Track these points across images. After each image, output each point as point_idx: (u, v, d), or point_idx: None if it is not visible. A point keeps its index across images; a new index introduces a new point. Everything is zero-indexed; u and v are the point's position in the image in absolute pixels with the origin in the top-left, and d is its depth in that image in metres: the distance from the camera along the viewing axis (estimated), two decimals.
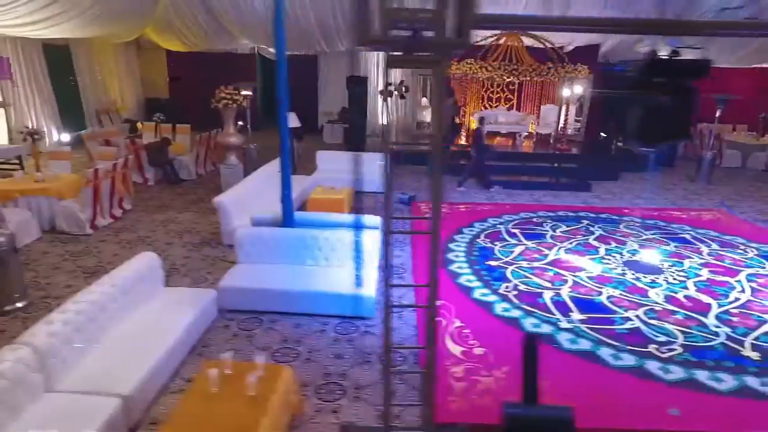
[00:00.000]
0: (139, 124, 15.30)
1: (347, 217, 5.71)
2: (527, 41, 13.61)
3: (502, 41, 13.64)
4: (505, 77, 13.70)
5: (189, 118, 13.00)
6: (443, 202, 8.11)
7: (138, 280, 4.21)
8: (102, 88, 14.74)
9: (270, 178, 8.43)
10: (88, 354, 3.54)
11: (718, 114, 10.54)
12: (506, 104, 15.22)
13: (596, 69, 13.40)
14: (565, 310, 4.95)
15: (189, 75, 16.98)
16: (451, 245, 6.67)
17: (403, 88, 12.28)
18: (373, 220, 5.72)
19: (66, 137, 13.45)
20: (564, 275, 5.79)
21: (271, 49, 16.13)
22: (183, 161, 10.10)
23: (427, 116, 16.02)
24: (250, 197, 7.20)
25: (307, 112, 16.01)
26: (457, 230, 7.23)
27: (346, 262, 5.21)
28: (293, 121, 9.53)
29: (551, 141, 14.10)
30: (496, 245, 6.71)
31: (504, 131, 14.47)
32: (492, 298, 5.21)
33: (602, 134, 14.60)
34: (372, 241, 5.19)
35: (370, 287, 4.85)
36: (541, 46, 13.25)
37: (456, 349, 4.25)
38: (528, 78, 13.12)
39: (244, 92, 9.46)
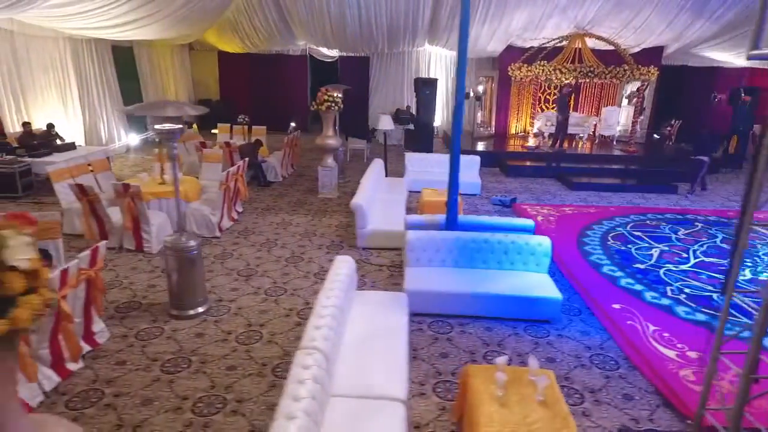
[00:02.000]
0: (194, 126, 15.31)
1: (505, 220, 5.71)
2: (590, 42, 13.67)
3: (564, 43, 13.70)
4: (563, 79, 13.74)
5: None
6: (544, 204, 7.98)
7: (350, 284, 4.21)
8: (160, 89, 14.74)
9: (376, 180, 8.44)
10: (338, 358, 3.54)
11: None
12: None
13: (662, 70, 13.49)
14: (746, 314, 4.96)
15: (241, 76, 16.98)
16: (585, 248, 6.67)
17: (480, 89, 12.27)
18: (528, 222, 5.73)
19: (135, 139, 13.47)
20: (718, 278, 5.80)
21: (325, 51, 16.14)
22: (270, 163, 10.07)
23: (479, 117, 16.11)
24: (371, 200, 7.21)
25: (359, 114, 16.04)
26: (581, 233, 7.24)
27: (517, 264, 5.22)
28: (388, 123, 9.53)
29: (614, 142, 14.15)
30: (630, 248, 6.72)
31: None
32: (665, 301, 5.22)
33: (655, 135, 14.70)
34: (542, 244, 5.21)
35: (553, 290, 4.85)
36: (607, 47, 13.31)
37: (669, 353, 4.25)
38: (604, 79, 13.13)
39: (336, 94, 9.46)
